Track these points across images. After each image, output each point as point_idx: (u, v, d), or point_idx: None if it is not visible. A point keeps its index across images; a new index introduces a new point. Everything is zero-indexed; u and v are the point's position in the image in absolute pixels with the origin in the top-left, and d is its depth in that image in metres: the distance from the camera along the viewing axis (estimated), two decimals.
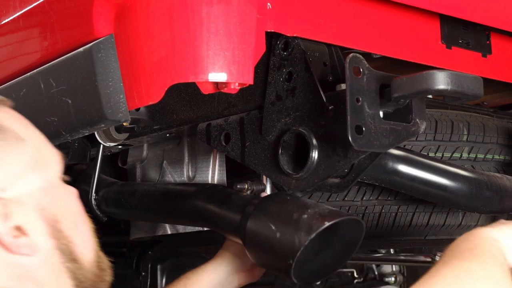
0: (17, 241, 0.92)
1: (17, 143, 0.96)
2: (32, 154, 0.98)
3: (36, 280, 0.96)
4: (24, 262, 0.94)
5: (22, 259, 0.94)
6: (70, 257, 1.01)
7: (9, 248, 0.92)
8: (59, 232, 0.99)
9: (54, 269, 0.98)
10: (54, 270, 0.99)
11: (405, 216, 1.78)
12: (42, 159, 1.00)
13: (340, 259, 1.38)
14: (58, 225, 0.99)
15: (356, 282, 3.27)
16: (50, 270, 0.98)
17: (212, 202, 1.50)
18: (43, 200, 0.98)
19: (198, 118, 1.58)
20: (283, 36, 1.38)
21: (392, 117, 1.29)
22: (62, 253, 1.00)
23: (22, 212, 0.93)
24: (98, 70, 1.30)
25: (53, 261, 0.98)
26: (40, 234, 0.96)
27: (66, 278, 1.00)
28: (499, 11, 1.66)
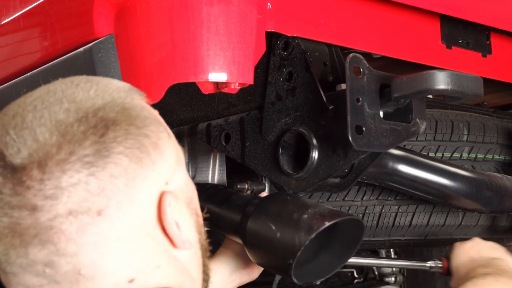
0: (181, 235, 0.92)
1: (169, 137, 0.96)
2: (176, 149, 0.97)
3: (190, 275, 0.96)
4: (181, 256, 0.95)
5: (180, 254, 0.94)
6: (205, 252, 1.02)
7: (175, 242, 0.92)
8: (200, 226, 1.01)
9: (199, 263, 1.00)
10: (199, 264, 1.00)
11: (405, 216, 1.78)
12: (181, 154, 0.99)
13: (340, 259, 1.38)
14: (199, 219, 1.01)
15: (356, 282, 3.27)
16: (197, 263, 0.99)
17: (212, 202, 1.50)
18: (188, 194, 0.99)
19: (198, 118, 1.58)
20: (283, 36, 1.38)
21: (392, 117, 1.29)
22: (202, 247, 1.01)
23: (178, 207, 0.93)
24: (99, 70, 1.30)
25: (198, 255, 1.00)
26: (191, 228, 0.97)
27: (201, 273, 1.01)
28: (499, 11, 1.66)
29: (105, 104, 0.89)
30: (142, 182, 0.88)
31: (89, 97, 0.90)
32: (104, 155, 0.85)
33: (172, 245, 0.93)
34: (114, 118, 0.87)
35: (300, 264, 1.31)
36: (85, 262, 0.85)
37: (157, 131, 0.92)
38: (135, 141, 0.87)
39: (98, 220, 0.85)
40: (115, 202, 0.85)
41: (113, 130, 0.86)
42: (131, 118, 0.89)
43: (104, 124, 0.86)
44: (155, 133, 0.91)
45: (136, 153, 0.87)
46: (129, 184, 0.86)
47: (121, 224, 0.86)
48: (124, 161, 0.86)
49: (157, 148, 0.90)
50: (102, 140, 0.85)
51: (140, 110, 0.92)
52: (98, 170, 0.84)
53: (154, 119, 0.93)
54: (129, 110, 0.90)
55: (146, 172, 0.88)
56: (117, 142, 0.86)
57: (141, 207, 0.88)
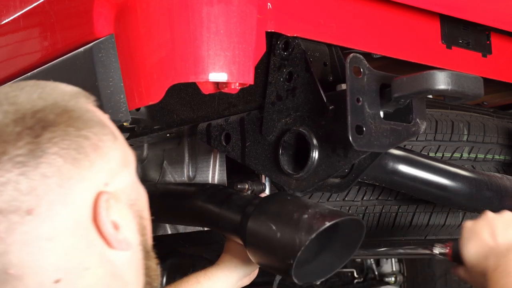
0: (118, 236, 0.93)
1: (114, 139, 0.97)
2: (123, 152, 0.99)
3: (122, 278, 0.96)
4: (116, 258, 0.95)
5: (116, 255, 0.94)
6: (148, 254, 1.02)
7: (111, 242, 0.92)
8: (143, 228, 1.01)
9: (137, 265, 1.00)
10: (138, 266, 1.00)
11: (405, 216, 1.78)
12: (128, 157, 1.01)
13: (340, 259, 1.38)
14: (142, 221, 1.01)
15: (356, 282, 3.27)
16: (135, 266, 0.99)
17: (213, 202, 1.50)
18: (132, 196, 0.99)
19: (198, 118, 1.58)
20: (284, 36, 1.38)
21: (392, 117, 1.29)
22: (143, 249, 1.01)
23: (118, 208, 0.94)
24: (99, 70, 1.30)
25: (138, 258, 0.99)
26: (131, 230, 0.97)
27: (142, 275, 1.01)
28: (499, 11, 1.66)
29: (45, 106, 0.91)
30: (78, 183, 0.89)
31: (30, 99, 0.92)
32: (37, 155, 0.86)
33: (108, 245, 0.93)
34: (52, 120, 0.89)
35: (300, 264, 1.31)
36: (13, 261, 0.85)
37: (100, 134, 0.93)
38: (72, 142, 0.89)
39: (28, 219, 0.86)
40: (46, 202, 0.86)
41: (50, 131, 0.88)
42: (71, 120, 0.91)
43: (41, 125, 0.88)
44: (97, 135, 0.93)
45: (73, 154, 0.89)
46: (63, 184, 0.87)
47: (51, 224, 0.87)
48: (58, 161, 0.87)
49: (98, 150, 0.92)
50: (37, 141, 0.87)
51: (82, 113, 0.94)
52: (29, 169, 0.85)
53: (97, 122, 0.95)
54: (70, 112, 0.92)
55: (82, 173, 0.89)
56: (53, 143, 0.87)
57: (74, 207, 0.89)
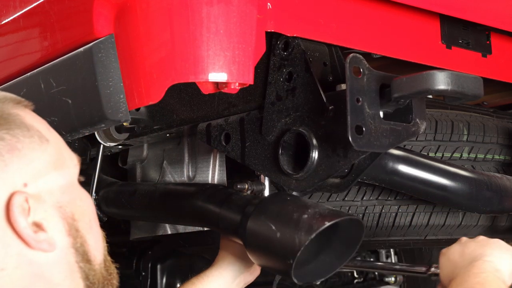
0: (37, 236, 0.93)
1: (41, 142, 0.98)
2: (54, 154, 1.00)
3: (49, 279, 0.96)
4: (39, 259, 0.95)
5: (38, 256, 0.94)
6: (84, 257, 1.01)
7: (29, 242, 0.93)
8: (76, 231, 1.00)
9: (68, 268, 0.99)
10: (68, 269, 0.99)
11: (405, 216, 1.78)
12: (63, 160, 1.02)
13: (340, 259, 1.38)
14: (75, 223, 1.00)
15: (356, 282, 3.27)
16: (65, 268, 0.98)
17: (212, 202, 1.50)
18: (62, 198, 0.99)
19: (198, 118, 1.58)
20: (283, 36, 1.38)
21: (392, 117, 1.29)
22: (77, 252, 1.00)
23: (41, 209, 0.94)
24: (98, 70, 1.30)
25: (68, 260, 0.99)
26: (58, 231, 0.97)
27: (79, 279, 1.01)
28: (499, 11, 1.66)
29: None
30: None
31: None
32: None
33: (27, 246, 0.93)
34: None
35: (300, 264, 1.31)
36: None
37: (20, 135, 0.95)
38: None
39: None
40: None
41: None
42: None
43: None
44: (15, 137, 0.95)
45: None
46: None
47: None
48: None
49: (14, 150, 0.94)
50: None
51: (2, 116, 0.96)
52: None
53: (19, 124, 0.97)
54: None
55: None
56: None
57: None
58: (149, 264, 2.44)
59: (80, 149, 1.92)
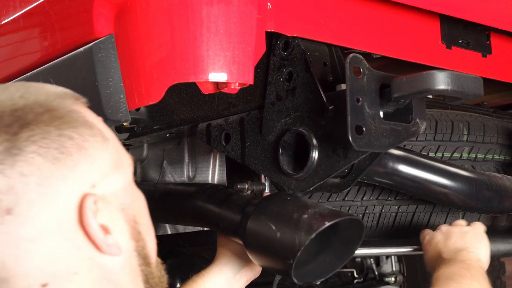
0: (107, 239, 0.90)
1: (103, 141, 0.94)
2: (114, 153, 0.96)
3: (116, 284, 0.94)
4: (108, 263, 0.92)
5: (107, 260, 0.91)
6: (145, 260, 0.99)
7: (100, 246, 0.89)
8: (138, 233, 0.97)
9: (132, 271, 0.96)
10: (132, 272, 0.96)
11: (405, 216, 1.78)
12: (122, 159, 0.98)
13: (340, 259, 1.38)
14: (137, 226, 0.98)
15: (356, 282, 3.27)
16: (129, 272, 0.96)
17: (212, 202, 1.50)
18: (125, 200, 0.96)
19: (198, 118, 1.58)
20: (283, 36, 1.38)
21: (392, 117, 1.29)
22: (139, 255, 0.97)
23: (107, 211, 0.91)
24: (98, 70, 1.30)
25: (132, 264, 0.96)
26: (122, 234, 0.94)
27: (140, 282, 0.98)
28: (499, 11, 1.66)
29: (25, 105, 0.89)
30: (59, 183, 0.87)
31: (11, 98, 0.90)
32: (13, 153, 0.84)
33: (97, 250, 0.90)
34: (32, 118, 0.87)
35: (300, 264, 1.31)
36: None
37: (86, 134, 0.91)
38: (53, 142, 0.87)
39: (8, 219, 0.83)
40: (26, 201, 0.84)
41: (29, 129, 0.86)
42: (52, 119, 0.89)
43: (19, 123, 0.86)
44: (81, 136, 0.91)
45: (53, 153, 0.86)
46: (42, 183, 0.85)
47: (33, 224, 0.85)
48: (37, 160, 0.85)
49: (82, 150, 0.90)
50: (14, 139, 0.85)
51: (66, 113, 0.92)
52: (6, 167, 0.83)
53: (83, 123, 0.93)
54: (52, 112, 0.90)
55: (64, 173, 0.87)
56: (31, 141, 0.85)
57: (57, 207, 0.87)
58: None
59: None
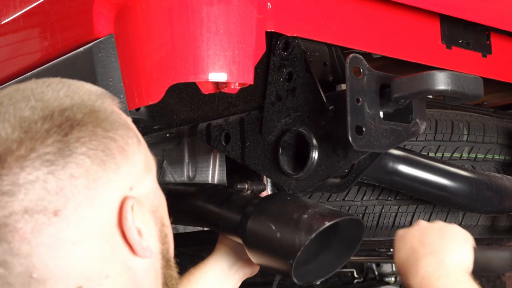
0: (142, 243, 0.89)
1: (139, 143, 0.94)
2: (145, 156, 0.96)
3: (140, 286, 0.93)
4: (136, 266, 0.91)
5: (136, 263, 0.91)
6: (168, 263, 0.98)
7: (136, 249, 0.89)
8: (165, 236, 0.97)
9: (155, 275, 0.96)
10: (155, 275, 0.96)
11: (405, 216, 1.78)
12: (150, 162, 0.98)
13: (340, 259, 1.38)
14: (164, 228, 0.97)
15: (356, 282, 3.27)
16: (152, 275, 0.95)
17: (212, 202, 1.50)
18: (154, 202, 0.96)
19: (198, 118, 1.58)
20: (283, 36, 1.38)
21: (392, 117, 1.29)
22: (163, 258, 0.97)
23: (141, 213, 0.90)
24: (98, 70, 1.30)
25: (156, 267, 0.96)
26: (152, 236, 0.93)
27: (160, 285, 0.97)
28: (499, 11, 1.66)
29: (73, 105, 0.88)
30: (104, 185, 0.86)
31: (57, 96, 0.89)
32: (65, 154, 0.83)
33: (132, 252, 0.90)
34: (80, 119, 0.87)
35: (300, 264, 1.31)
36: (37, 264, 0.82)
37: (126, 136, 0.91)
38: (100, 143, 0.86)
39: (54, 220, 0.83)
40: (73, 203, 0.83)
41: (78, 130, 0.85)
42: (98, 120, 0.88)
43: (69, 123, 0.85)
44: (123, 138, 0.90)
45: (100, 155, 0.86)
46: (90, 185, 0.85)
47: (77, 226, 0.84)
48: (86, 162, 0.84)
49: (123, 152, 0.89)
50: (65, 140, 0.84)
51: (109, 114, 0.91)
52: (58, 169, 0.82)
53: (123, 124, 0.92)
54: (97, 112, 0.89)
55: (109, 175, 0.87)
56: (81, 143, 0.85)
57: (101, 210, 0.86)
58: None
59: None
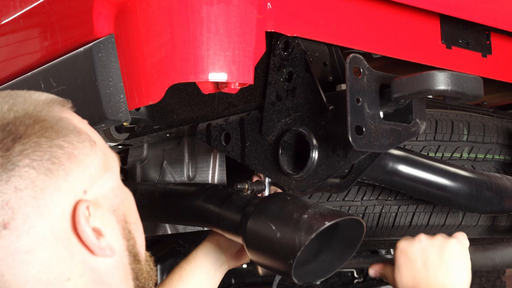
0: (100, 243, 0.93)
1: (91, 145, 0.96)
2: (102, 156, 0.98)
3: (108, 285, 0.96)
4: (100, 265, 0.94)
5: (98, 262, 0.94)
6: (135, 257, 1.01)
7: (94, 250, 0.92)
8: (129, 232, 1.00)
9: (123, 271, 0.99)
10: (124, 272, 0.99)
11: (405, 216, 1.78)
12: (109, 160, 1.00)
13: (340, 259, 1.38)
14: (127, 225, 1.00)
15: (356, 282, 3.27)
16: (120, 272, 0.98)
17: (212, 202, 1.50)
18: (115, 201, 0.99)
19: (198, 118, 1.58)
20: (283, 36, 1.38)
21: (392, 118, 1.29)
22: (130, 254, 1.00)
23: (99, 214, 0.94)
24: (98, 70, 1.30)
25: (124, 263, 0.99)
26: (114, 235, 0.96)
27: (130, 280, 1.00)
28: (499, 11, 1.66)
29: (16, 118, 0.90)
30: (53, 193, 0.89)
31: (1, 112, 0.91)
32: (8, 168, 0.86)
33: (91, 253, 0.92)
34: (23, 132, 0.89)
35: (300, 264, 1.31)
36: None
37: (75, 141, 0.93)
38: (45, 153, 0.89)
39: (4, 233, 0.86)
40: (21, 215, 0.86)
41: (21, 143, 0.88)
42: (43, 130, 0.90)
43: (12, 138, 0.88)
44: (71, 144, 0.92)
45: (46, 164, 0.88)
46: (37, 196, 0.87)
47: (28, 236, 0.87)
48: (31, 173, 0.87)
49: (73, 158, 0.92)
50: (7, 154, 0.87)
51: (55, 122, 0.93)
52: (1, 183, 0.85)
53: (72, 130, 0.94)
54: (42, 122, 0.91)
55: (57, 183, 0.89)
56: (24, 155, 0.87)
57: (51, 218, 0.89)
58: None
59: None
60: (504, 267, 1.78)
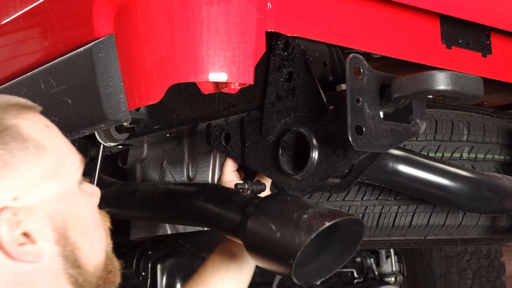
0: (21, 249, 0.95)
1: (37, 153, 0.98)
2: (52, 162, 1.00)
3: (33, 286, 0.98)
4: (25, 269, 0.97)
5: (24, 266, 0.97)
6: (74, 263, 1.03)
7: (12, 255, 0.95)
8: (66, 239, 1.02)
9: (54, 275, 1.01)
10: (55, 277, 1.01)
11: (405, 216, 1.78)
12: (62, 167, 1.02)
13: (340, 259, 1.38)
14: (66, 232, 1.02)
15: (356, 282, 3.27)
16: (50, 276, 1.00)
17: (212, 202, 1.50)
18: (56, 207, 1.00)
19: (198, 118, 1.58)
20: (283, 36, 1.38)
21: (392, 118, 1.29)
22: (65, 259, 1.02)
23: (32, 220, 0.96)
24: (98, 70, 1.30)
25: (55, 268, 1.01)
26: (46, 241, 0.99)
27: (66, 284, 1.02)
28: (499, 11, 1.66)
29: None
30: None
31: None
32: None
33: (10, 258, 0.95)
34: None
35: (300, 264, 1.31)
36: None
37: (14, 149, 0.95)
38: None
39: None
40: None
41: None
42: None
43: None
44: (9, 152, 0.95)
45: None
46: None
47: None
48: None
49: (7, 165, 0.94)
50: None
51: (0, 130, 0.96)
52: None
53: (16, 137, 0.97)
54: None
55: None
56: None
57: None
58: (149, 264, 2.44)
59: (80, 149, 1.92)
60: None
